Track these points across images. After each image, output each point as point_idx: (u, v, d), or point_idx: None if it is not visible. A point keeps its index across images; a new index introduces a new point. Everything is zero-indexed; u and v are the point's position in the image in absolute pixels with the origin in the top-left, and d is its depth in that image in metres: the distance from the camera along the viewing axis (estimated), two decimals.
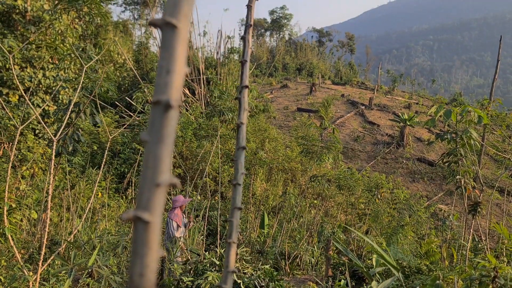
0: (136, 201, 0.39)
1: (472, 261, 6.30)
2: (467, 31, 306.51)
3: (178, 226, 7.93)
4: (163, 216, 10.72)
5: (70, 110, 6.09)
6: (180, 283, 5.22)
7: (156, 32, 29.83)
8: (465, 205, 7.75)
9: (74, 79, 9.54)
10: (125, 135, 14.69)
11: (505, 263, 6.10)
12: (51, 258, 5.02)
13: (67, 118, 5.80)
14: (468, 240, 7.61)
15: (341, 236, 11.03)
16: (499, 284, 2.89)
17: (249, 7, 1.11)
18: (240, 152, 1.01)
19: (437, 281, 3.03)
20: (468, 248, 7.19)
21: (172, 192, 11.39)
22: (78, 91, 5.40)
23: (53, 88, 12.65)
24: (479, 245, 8.91)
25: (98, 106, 7.14)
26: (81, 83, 5.44)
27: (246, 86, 1.04)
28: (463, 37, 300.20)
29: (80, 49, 11.03)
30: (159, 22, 0.38)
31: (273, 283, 5.60)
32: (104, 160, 6.03)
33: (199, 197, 12.28)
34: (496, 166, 24.23)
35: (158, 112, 0.37)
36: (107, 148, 6.06)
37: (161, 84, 0.37)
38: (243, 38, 1.09)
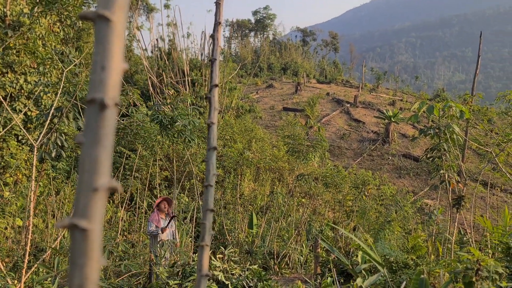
0: (73, 208, 0.36)
1: (457, 254, 6.37)
2: (448, 27, 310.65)
3: (156, 227, 7.81)
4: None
5: (51, 115, 5.99)
6: (167, 287, 5.17)
7: (140, 35, 29.65)
8: (450, 199, 7.84)
9: (55, 84, 9.39)
10: None
11: (489, 255, 6.19)
12: (35, 266, 4.93)
13: (48, 123, 5.70)
14: (453, 233, 7.69)
15: (329, 234, 11.07)
16: (482, 276, 2.91)
17: (217, 4, 1.08)
18: (211, 153, 0.99)
19: (422, 276, 3.04)
20: (453, 242, 7.26)
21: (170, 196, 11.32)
22: (58, 95, 5.32)
23: (35, 93, 12.44)
24: (464, 238, 9.01)
25: (81, 110, 7.03)
26: (61, 87, 5.35)
27: (216, 85, 1.02)
28: (445, 33, 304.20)
29: (60, 53, 10.87)
30: (91, 15, 0.35)
31: (261, 283, 5.58)
32: None
33: (186, 199, 12.20)
34: (479, 159, 24.58)
35: (93, 112, 0.35)
36: None
37: (95, 81, 0.35)
38: (212, 37, 1.07)
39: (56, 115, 7.60)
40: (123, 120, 14.29)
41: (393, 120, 27.27)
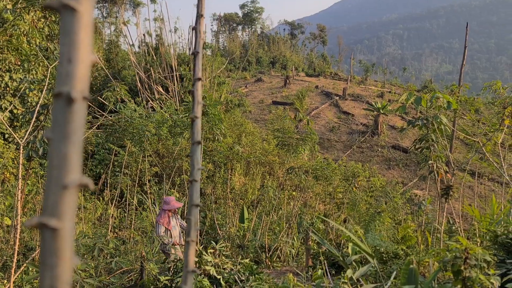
0: (42, 206, 0.35)
1: (446, 244, 6.44)
2: (435, 19, 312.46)
3: (167, 229, 7.53)
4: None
5: (37, 112, 5.91)
6: (158, 283, 5.16)
7: (127, 30, 29.35)
8: (438, 189, 7.91)
9: (41, 81, 9.27)
10: (99, 135, 14.42)
11: (478, 244, 6.27)
12: (24, 265, 4.88)
13: (34, 120, 5.63)
14: (442, 223, 7.77)
15: (320, 226, 11.13)
16: (470, 264, 2.95)
17: None
18: (196, 147, 0.97)
19: (411, 266, 3.07)
20: (442, 231, 7.34)
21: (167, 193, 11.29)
22: (44, 92, 5.24)
23: (21, 91, 12.28)
24: (453, 228, 9.12)
25: None
26: (47, 84, 5.29)
27: (199, 79, 1.00)
28: (432, 25, 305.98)
29: (45, 49, 10.71)
30: (56, 4, 0.34)
31: (253, 276, 5.59)
32: None
33: (177, 195, 12.17)
34: (467, 149, 24.86)
35: (60, 106, 0.34)
36: None
37: (62, 74, 0.33)
38: (195, 29, 1.05)
39: (42, 112, 7.50)
40: (111, 116, 14.17)
41: (382, 112, 27.43)
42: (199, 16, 1.04)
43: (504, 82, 10.78)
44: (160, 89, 21.97)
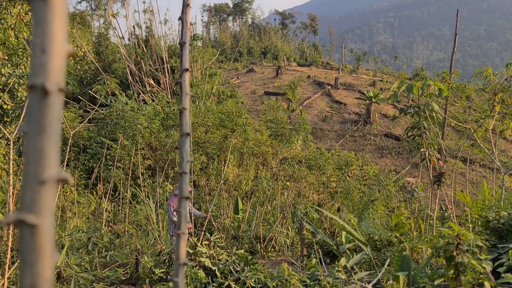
0: (20, 202, 0.34)
1: (439, 230, 6.51)
2: (426, 6, 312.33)
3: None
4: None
5: (26, 107, 5.85)
6: (153, 275, 5.17)
7: (116, 22, 29.02)
8: (430, 176, 7.97)
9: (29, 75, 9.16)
10: (91, 129, 14.32)
11: (470, 229, 6.34)
12: (18, 261, 4.85)
13: (24, 115, 5.57)
14: (434, 210, 7.84)
15: (314, 216, 11.19)
16: (463, 250, 2.98)
17: None
18: (184, 139, 0.96)
19: (404, 253, 3.10)
20: (435, 218, 7.41)
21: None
22: None
23: (10, 86, 12.13)
24: (446, 214, 9.21)
25: None
26: None
27: (187, 69, 0.99)
28: (422, 12, 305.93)
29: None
30: None
31: (248, 267, 5.62)
32: (68, 156, 5.86)
33: (171, 187, 12.15)
34: (458, 136, 25.04)
35: (35, 99, 0.32)
36: (70, 144, 5.87)
37: (36, 66, 0.32)
38: (181, 19, 1.03)
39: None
40: (102, 110, 14.07)
41: (374, 100, 27.49)
42: (185, 5, 1.03)
43: (495, 69, 10.84)
44: (151, 81, 21.82)
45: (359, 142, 26.66)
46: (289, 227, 10.36)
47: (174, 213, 8.05)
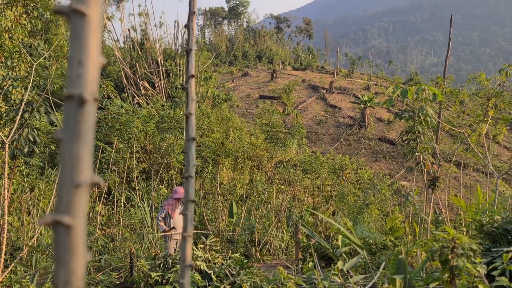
0: (55, 204, 0.36)
1: (433, 234, 6.56)
2: (420, 12, 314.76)
3: (168, 215, 8.15)
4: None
5: (21, 109, 5.83)
6: (149, 279, 5.16)
7: (111, 25, 29.02)
8: (425, 180, 8.03)
9: (25, 78, 9.12)
10: None
11: (464, 233, 6.39)
12: (12, 264, 4.83)
13: (18, 118, 5.55)
14: (429, 213, 7.90)
15: (309, 219, 11.21)
16: (457, 253, 3.01)
17: None
18: (190, 143, 0.98)
19: (400, 256, 3.13)
20: (429, 221, 7.46)
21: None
22: (28, 89, 5.18)
23: (4, 88, 12.05)
24: (440, 218, 9.27)
25: (53, 104, 6.87)
26: (31, 81, 5.21)
27: (193, 76, 1.01)
28: (416, 18, 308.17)
29: (28, 46, 10.54)
30: (66, 9, 0.35)
31: (243, 270, 5.62)
32: None
33: (165, 190, 12.14)
34: (452, 140, 25.21)
35: (72, 107, 0.35)
36: None
37: (73, 77, 0.34)
38: (187, 26, 1.05)
39: (26, 110, 7.40)
40: (97, 113, 14.06)
41: (368, 104, 27.63)
42: (191, 13, 1.05)
43: (488, 74, 10.94)
44: (146, 84, 21.81)
45: (354, 146, 26.76)
46: (284, 231, 10.38)
47: (162, 215, 8.19)
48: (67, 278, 0.34)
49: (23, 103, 5.61)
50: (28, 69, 12.86)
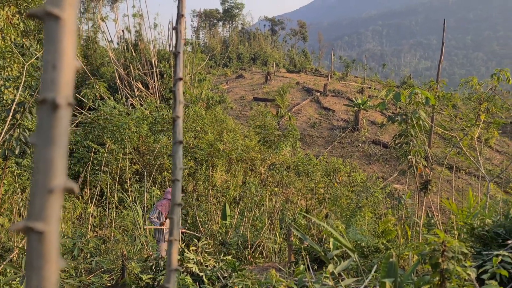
0: (28, 210, 0.35)
1: (425, 237, 6.58)
2: (414, 15, 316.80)
3: (161, 214, 8.16)
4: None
5: (13, 110, 5.79)
6: (140, 281, 5.14)
7: (105, 26, 28.93)
8: (417, 184, 8.06)
9: (17, 78, 9.06)
10: (78, 133, 14.20)
11: (455, 236, 6.42)
12: (2, 266, 4.78)
13: (10, 119, 5.51)
14: (421, 217, 7.93)
15: (302, 222, 11.22)
16: (448, 257, 3.03)
17: None
18: (177, 146, 0.98)
19: (391, 259, 3.14)
20: (421, 225, 7.48)
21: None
22: (20, 90, 5.14)
23: None
24: (432, 221, 9.31)
25: None
26: (23, 81, 5.17)
27: (180, 79, 1.01)
28: (410, 21, 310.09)
29: (21, 46, 10.47)
30: (40, 12, 0.34)
31: (235, 273, 5.61)
32: None
33: (158, 192, 12.10)
34: (445, 144, 25.36)
35: (45, 112, 0.34)
36: None
37: (47, 81, 0.34)
38: (175, 29, 1.05)
39: (18, 111, 7.35)
40: (90, 113, 13.97)
41: (362, 107, 27.73)
42: (179, 15, 1.04)
43: (481, 78, 11.03)
44: (140, 85, 21.74)
45: (347, 149, 26.83)
46: (277, 233, 10.37)
47: (155, 216, 8.17)
48: (39, 284, 0.34)
49: (15, 103, 5.57)
50: (20, 69, 12.77)
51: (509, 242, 4.28)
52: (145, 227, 9.63)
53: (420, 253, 3.44)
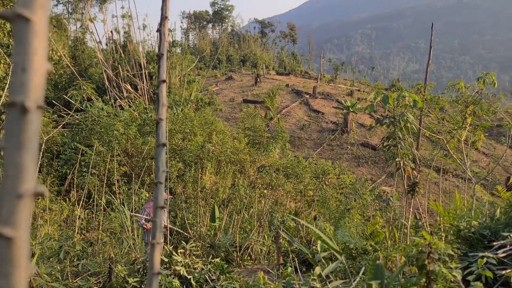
0: None
1: (412, 239, 6.62)
2: (402, 19, 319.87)
3: (149, 215, 8.15)
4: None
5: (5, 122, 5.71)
6: (127, 285, 5.09)
7: (93, 27, 28.71)
8: (405, 186, 8.12)
9: (3, 78, 8.94)
10: (65, 135, 14.05)
11: (442, 238, 6.48)
12: None
13: None
14: (409, 218, 7.98)
15: (291, 224, 11.23)
16: (434, 259, 3.05)
17: None
18: (161, 149, 0.97)
19: (378, 261, 3.15)
20: (409, 226, 7.54)
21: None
22: (5, 90, 5.07)
23: None
24: (420, 223, 9.38)
25: None
26: (9, 82, 5.11)
27: (164, 81, 1.00)
28: (399, 25, 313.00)
29: (6, 46, 10.35)
30: (10, 14, 0.33)
31: (224, 275, 5.59)
32: (40, 162, 5.73)
33: (147, 194, 12.02)
34: (432, 146, 25.60)
35: (14, 115, 0.33)
36: (42, 149, 5.75)
37: (16, 84, 0.33)
38: (159, 31, 1.04)
39: (4, 112, 7.25)
40: (77, 115, 13.84)
41: (351, 110, 27.89)
42: (163, 17, 1.04)
43: (468, 81, 11.15)
44: (129, 87, 21.60)
45: (336, 151, 26.95)
46: (266, 236, 10.37)
47: (141, 216, 8.18)
48: None
49: (0, 103, 5.50)
50: (7, 69, 12.62)
51: (495, 243, 4.33)
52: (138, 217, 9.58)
53: (407, 255, 3.47)
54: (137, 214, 8.25)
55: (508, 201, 6.09)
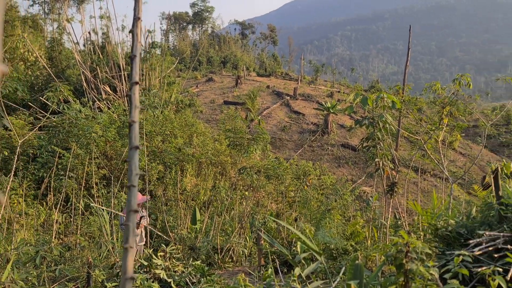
0: None
1: (392, 238, 6.71)
2: (381, 21, 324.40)
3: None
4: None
5: None
6: None
7: (70, 27, 28.22)
8: (384, 186, 8.22)
9: None
10: (42, 137, 13.76)
11: (421, 237, 6.57)
12: None
13: None
14: (388, 218, 8.08)
15: (273, 225, 11.24)
16: (412, 257, 3.09)
17: None
18: (133, 152, 0.95)
19: (357, 261, 3.18)
20: (388, 226, 7.63)
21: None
22: None
23: None
24: (399, 222, 9.51)
25: (3, 108, 6.57)
26: None
27: (137, 83, 0.98)
28: (378, 27, 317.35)
29: None
30: None
31: (204, 278, 5.56)
32: (15, 165, 5.59)
33: (126, 197, 11.86)
34: (411, 147, 26.00)
35: None
36: (18, 152, 5.62)
37: None
38: (132, 32, 1.02)
39: None
40: (54, 117, 13.57)
41: (331, 111, 28.13)
42: (136, 18, 1.01)
43: (445, 82, 11.36)
44: (108, 89, 21.30)
45: (317, 152, 27.14)
46: (247, 237, 10.35)
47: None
48: None
49: None
50: None
51: (471, 241, 4.41)
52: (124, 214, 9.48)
53: (386, 254, 3.50)
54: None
55: (484, 200, 6.22)
